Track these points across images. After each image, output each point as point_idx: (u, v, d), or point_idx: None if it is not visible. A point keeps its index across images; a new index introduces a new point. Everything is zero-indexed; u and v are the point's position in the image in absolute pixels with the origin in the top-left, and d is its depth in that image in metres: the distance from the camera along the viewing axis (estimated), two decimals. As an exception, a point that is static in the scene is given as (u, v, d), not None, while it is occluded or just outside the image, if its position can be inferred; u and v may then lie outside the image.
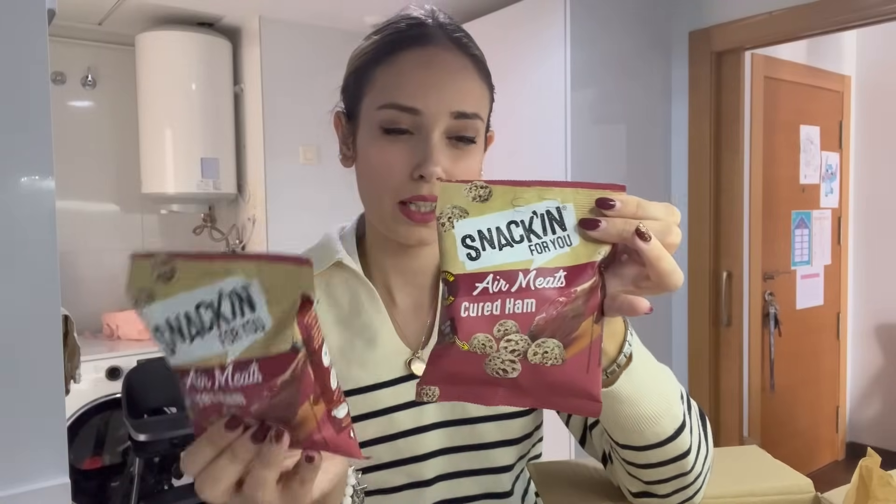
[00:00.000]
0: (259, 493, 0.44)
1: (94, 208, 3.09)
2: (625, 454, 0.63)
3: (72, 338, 1.28)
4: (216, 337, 0.42)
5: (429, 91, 0.69)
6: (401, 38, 0.72)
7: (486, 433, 0.77)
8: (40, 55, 0.79)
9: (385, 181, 0.70)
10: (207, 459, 0.44)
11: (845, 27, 2.34)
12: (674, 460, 0.62)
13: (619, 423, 0.60)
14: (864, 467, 0.64)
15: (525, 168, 2.43)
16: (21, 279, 0.79)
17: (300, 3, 2.78)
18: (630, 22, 2.48)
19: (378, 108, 0.70)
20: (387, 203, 0.71)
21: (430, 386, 0.45)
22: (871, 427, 3.68)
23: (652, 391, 0.59)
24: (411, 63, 0.70)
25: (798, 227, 3.32)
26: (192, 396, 0.43)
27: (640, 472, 0.64)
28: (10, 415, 0.78)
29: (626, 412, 0.58)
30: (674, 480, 0.64)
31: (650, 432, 0.60)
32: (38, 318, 0.81)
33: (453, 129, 0.70)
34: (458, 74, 0.71)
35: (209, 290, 0.41)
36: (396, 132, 0.69)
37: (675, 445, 0.61)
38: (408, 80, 0.69)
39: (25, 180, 0.79)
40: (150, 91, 2.94)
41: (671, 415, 0.61)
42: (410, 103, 0.68)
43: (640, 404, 0.58)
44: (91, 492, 2.74)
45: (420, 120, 0.69)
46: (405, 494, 0.76)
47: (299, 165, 3.03)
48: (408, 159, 0.69)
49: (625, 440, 0.61)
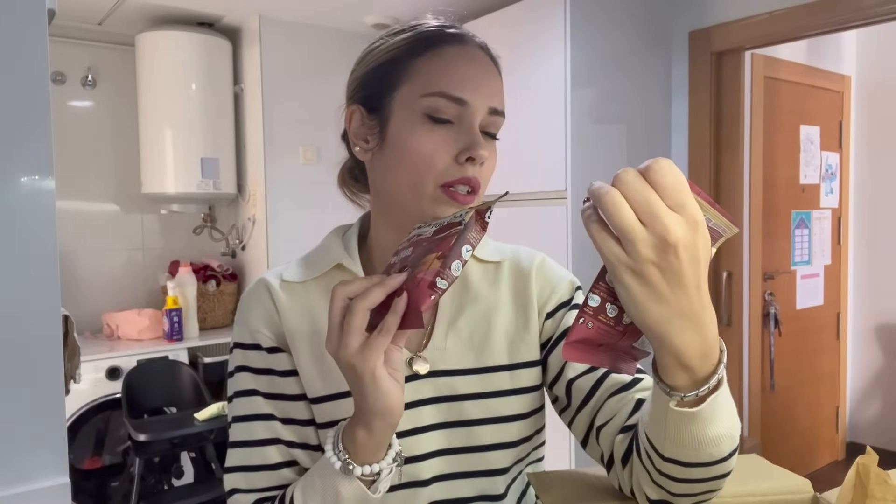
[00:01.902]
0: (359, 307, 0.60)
1: (94, 208, 3.09)
2: (665, 466, 0.60)
3: (72, 338, 1.28)
4: (431, 228, 0.65)
5: (474, 84, 0.73)
6: (443, 34, 0.76)
7: (483, 436, 0.78)
8: (40, 55, 0.79)
9: (429, 165, 0.72)
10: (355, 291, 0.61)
11: (845, 27, 2.34)
12: (713, 479, 0.61)
13: (679, 440, 0.57)
14: (861, 465, 0.64)
15: (525, 168, 2.43)
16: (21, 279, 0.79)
17: (300, 3, 2.78)
18: (630, 22, 2.48)
19: (422, 96, 0.73)
20: (429, 186, 0.72)
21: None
22: (871, 427, 3.68)
23: (724, 414, 0.56)
24: (457, 56, 0.74)
25: (798, 227, 3.32)
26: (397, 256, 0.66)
27: (672, 484, 0.62)
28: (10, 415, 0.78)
29: (694, 432, 0.56)
30: (700, 496, 0.63)
31: (706, 453, 0.57)
32: (38, 318, 0.81)
33: (487, 124, 0.75)
34: (493, 74, 0.76)
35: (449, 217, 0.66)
36: (440, 121, 0.72)
37: (723, 466, 0.60)
38: (456, 70, 0.73)
39: (25, 180, 0.79)
40: (150, 91, 2.94)
41: (732, 438, 0.58)
42: (459, 93, 0.72)
43: (710, 427, 0.56)
44: (91, 492, 2.74)
45: (464, 110, 0.72)
46: (401, 493, 0.76)
47: (299, 165, 3.03)
48: (452, 144, 0.72)
49: (675, 455, 0.58)
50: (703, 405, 0.54)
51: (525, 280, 0.83)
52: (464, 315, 0.81)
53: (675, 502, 0.65)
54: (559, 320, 0.81)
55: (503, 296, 0.82)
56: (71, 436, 2.54)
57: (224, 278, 3.12)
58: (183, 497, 2.51)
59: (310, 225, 2.91)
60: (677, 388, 0.54)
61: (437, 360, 0.78)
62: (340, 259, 0.80)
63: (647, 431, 0.61)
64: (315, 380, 0.77)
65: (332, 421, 0.75)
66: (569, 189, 2.30)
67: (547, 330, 0.82)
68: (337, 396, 0.76)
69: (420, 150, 0.72)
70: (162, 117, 2.92)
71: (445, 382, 0.78)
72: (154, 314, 2.92)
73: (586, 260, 2.32)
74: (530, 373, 0.80)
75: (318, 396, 0.76)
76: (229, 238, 3.30)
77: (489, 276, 0.83)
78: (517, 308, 0.82)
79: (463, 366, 0.79)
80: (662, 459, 0.60)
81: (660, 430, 0.58)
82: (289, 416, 0.77)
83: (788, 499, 0.69)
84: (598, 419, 0.73)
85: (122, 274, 3.15)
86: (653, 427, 0.59)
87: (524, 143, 2.43)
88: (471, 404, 0.78)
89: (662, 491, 0.64)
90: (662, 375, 0.55)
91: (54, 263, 0.81)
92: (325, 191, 2.99)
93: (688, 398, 0.54)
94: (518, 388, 0.79)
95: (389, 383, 0.62)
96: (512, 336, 0.81)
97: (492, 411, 0.78)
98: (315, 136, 3.01)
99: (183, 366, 2.74)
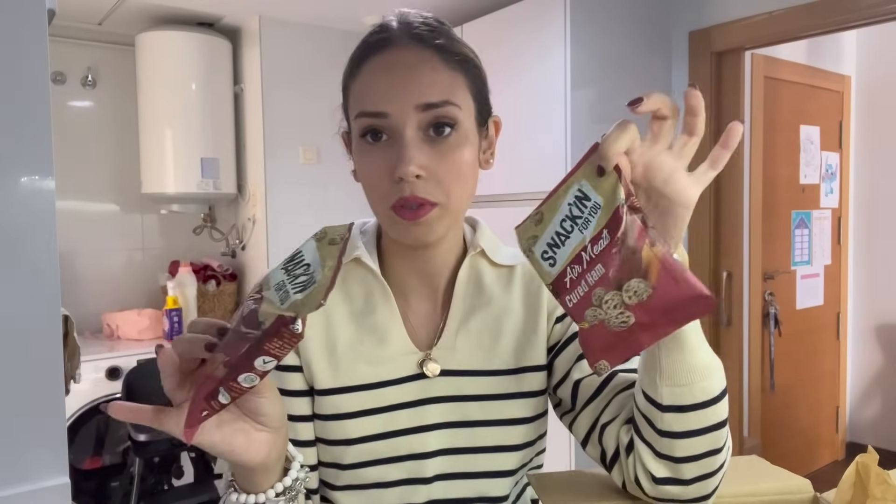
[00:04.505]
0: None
1: (94, 208, 3.09)
2: (665, 421, 0.63)
3: (72, 338, 1.28)
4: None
5: (391, 92, 0.70)
6: (364, 48, 0.75)
7: (486, 438, 0.78)
8: (40, 55, 0.79)
9: (374, 189, 0.72)
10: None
11: (845, 27, 2.34)
12: (711, 429, 0.64)
13: (672, 376, 0.62)
14: (861, 464, 0.64)
15: (525, 168, 2.43)
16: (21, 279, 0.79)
17: (300, 3, 2.78)
18: (630, 22, 2.48)
19: (354, 119, 0.73)
20: (382, 209, 0.72)
21: (598, 363, 0.55)
22: (871, 427, 3.68)
23: (705, 344, 0.63)
24: (373, 70, 0.72)
25: (798, 227, 3.32)
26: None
27: (675, 445, 0.64)
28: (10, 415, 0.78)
29: (685, 360, 0.62)
30: (704, 459, 0.64)
31: (699, 387, 0.62)
32: (38, 318, 0.81)
33: (425, 122, 0.70)
34: (418, 68, 0.71)
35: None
36: (373, 139, 0.71)
37: (717, 410, 0.63)
38: (371, 86, 0.72)
39: (25, 180, 0.79)
40: (150, 91, 2.94)
41: (719, 373, 0.64)
42: (375, 108, 0.70)
43: (698, 353, 0.62)
44: (91, 492, 2.74)
45: (389, 122, 0.70)
46: (402, 489, 0.77)
47: (299, 165, 3.03)
48: (387, 164, 0.70)
49: (671, 399, 0.63)
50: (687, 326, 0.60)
51: (537, 284, 0.83)
52: (475, 316, 0.81)
53: (680, 474, 0.65)
54: (568, 325, 0.81)
55: (515, 300, 0.82)
56: (71, 436, 2.54)
57: (224, 278, 3.12)
58: (183, 497, 2.50)
59: (310, 225, 2.90)
60: None
61: (446, 359, 0.78)
62: (359, 253, 0.79)
63: (644, 386, 0.65)
64: (324, 372, 0.76)
65: (337, 414, 0.76)
66: (569, 189, 2.30)
67: (555, 334, 0.82)
68: (346, 390, 0.76)
69: (365, 174, 0.73)
70: (162, 117, 2.92)
71: (453, 382, 0.78)
72: (154, 314, 2.92)
73: (586, 260, 2.32)
74: (536, 377, 0.81)
75: (326, 388, 0.76)
76: (229, 238, 3.30)
77: (502, 280, 0.83)
78: (527, 312, 0.82)
79: (471, 367, 0.79)
80: (661, 410, 0.63)
81: (654, 369, 0.63)
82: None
83: (788, 499, 0.69)
84: (603, 416, 0.73)
85: (122, 274, 3.15)
86: (648, 375, 0.64)
87: (524, 143, 2.43)
88: (476, 406, 0.78)
89: (667, 461, 0.65)
90: None
91: (54, 263, 0.81)
92: (325, 191, 3.02)
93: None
94: (523, 392, 0.79)
95: (227, 445, 0.58)
96: (520, 340, 0.81)
97: (497, 414, 0.78)
98: (315, 136, 3.01)
99: (183, 366, 2.74)
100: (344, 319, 0.78)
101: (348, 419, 0.76)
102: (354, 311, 0.79)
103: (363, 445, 0.76)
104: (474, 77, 0.76)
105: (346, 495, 0.78)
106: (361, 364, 0.77)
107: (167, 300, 2.84)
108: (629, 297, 0.51)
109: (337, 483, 0.78)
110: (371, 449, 0.76)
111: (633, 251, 0.51)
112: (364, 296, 0.79)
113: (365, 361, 0.77)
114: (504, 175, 2.50)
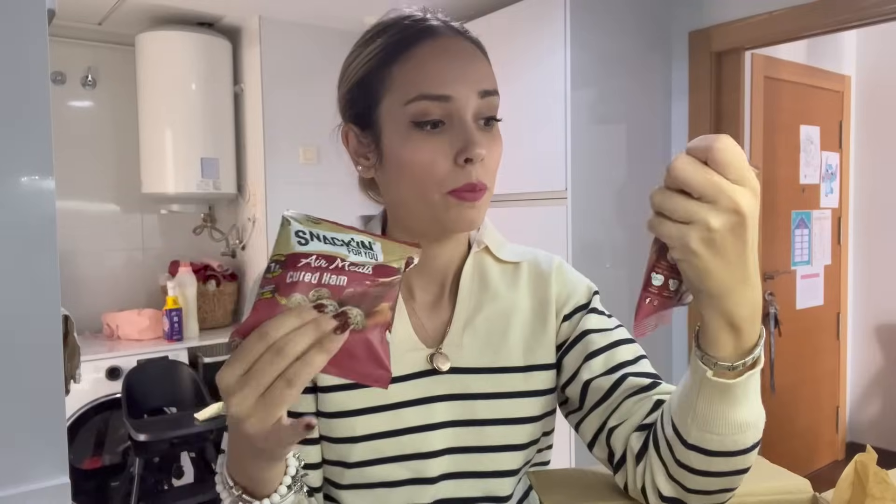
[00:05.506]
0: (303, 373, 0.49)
1: (94, 208, 3.09)
2: (687, 455, 0.61)
3: (72, 338, 1.28)
4: (344, 249, 0.53)
5: (454, 76, 0.70)
6: (411, 33, 0.72)
7: (493, 436, 0.77)
8: (40, 55, 0.79)
9: (430, 174, 0.70)
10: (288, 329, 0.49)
11: (845, 27, 2.34)
12: (732, 474, 0.61)
13: (706, 421, 0.58)
14: (860, 462, 0.64)
15: (525, 168, 2.43)
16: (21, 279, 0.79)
17: (300, 3, 2.78)
18: (630, 22, 2.48)
19: (406, 104, 0.70)
20: (436, 195, 0.70)
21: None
22: (871, 427, 3.68)
23: (753, 401, 0.58)
24: (430, 54, 0.71)
25: (798, 227, 3.32)
26: (292, 273, 0.52)
27: (690, 477, 0.62)
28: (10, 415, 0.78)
29: (723, 412, 0.57)
30: (714, 495, 0.63)
31: (731, 440, 0.58)
32: (38, 318, 0.81)
33: (482, 110, 0.71)
34: (474, 57, 0.73)
35: (346, 236, 0.54)
36: (429, 124, 0.69)
37: (744, 459, 0.60)
38: (431, 69, 0.70)
39: (25, 180, 0.79)
40: (150, 91, 2.94)
41: (757, 428, 0.59)
42: (440, 91, 0.69)
43: (739, 409, 0.57)
44: (91, 492, 2.74)
45: (451, 106, 0.69)
46: (408, 489, 0.76)
47: (299, 165, 3.03)
48: (448, 149, 0.69)
49: (699, 441, 0.59)
50: (738, 379, 0.56)
51: (544, 282, 0.82)
52: (482, 313, 0.80)
53: (687, 499, 0.64)
54: (576, 323, 0.81)
55: (522, 297, 0.82)
56: (71, 436, 2.54)
57: (224, 278, 3.12)
58: (183, 497, 2.51)
59: (310, 225, 2.90)
60: (721, 357, 0.56)
61: (453, 356, 0.78)
62: None
63: (674, 416, 0.61)
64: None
65: (339, 411, 0.75)
66: (569, 189, 2.30)
67: (563, 332, 0.81)
68: (351, 387, 0.75)
69: (417, 161, 0.70)
70: (162, 117, 2.92)
71: (460, 380, 0.78)
72: (154, 314, 2.92)
73: (586, 260, 2.33)
74: (545, 375, 0.80)
75: (329, 385, 0.76)
76: (229, 238, 3.30)
77: (508, 277, 0.83)
78: (535, 310, 0.81)
79: (478, 364, 0.78)
80: (685, 447, 0.60)
81: (689, 409, 0.59)
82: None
83: (788, 499, 0.69)
84: (611, 420, 0.73)
85: (122, 274, 3.15)
86: (681, 409, 0.60)
87: (524, 143, 2.43)
88: (483, 404, 0.77)
89: (677, 486, 0.64)
90: (708, 344, 0.57)
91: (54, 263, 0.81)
92: (326, 191, 3.02)
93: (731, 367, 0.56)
94: (532, 391, 0.79)
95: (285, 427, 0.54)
96: (528, 338, 0.80)
97: (504, 412, 0.77)
98: (315, 136, 3.01)
99: (183, 366, 2.74)
100: None
101: (354, 416, 0.75)
102: None
103: (369, 443, 0.75)
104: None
105: (352, 495, 0.77)
106: None
107: (167, 300, 2.84)
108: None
109: (342, 482, 0.77)
110: (377, 447, 0.75)
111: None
112: None
113: None
114: (504, 175, 2.48)
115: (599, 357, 0.77)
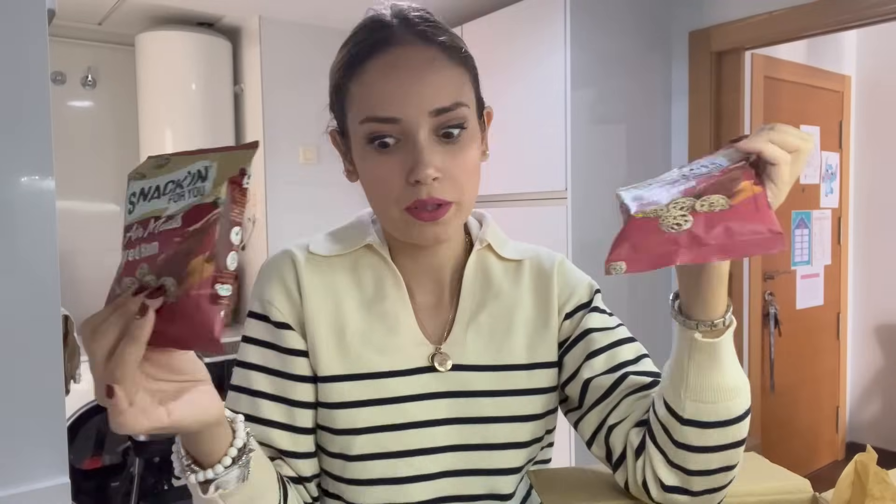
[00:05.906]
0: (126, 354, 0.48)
1: (94, 208, 3.09)
2: (683, 433, 0.63)
3: (72, 338, 1.29)
4: (166, 198, 0.49)
5: (402, 98, 0.68)
6: (364, 47, 0.72)
7: (496, 434, 0.77)
8: (40, 55, 0.79)
9: (386, 193, 0.70)
10: (96, 325, 0.50)
11: (845, 27, 2.34)
12: (729, 447, 0.64)
13: (698, 392, 0.62)
14: (860, 462, 0.64)
15: (525, 168, 2.43)
16: (21, 279, 0.79)
17: (300, 3, 2.78)
18: (630, 22, 2.48)
19: (360, 123, 0.70)
20: (394, 212, 0.71)
21: (615, 263, 0.53)
22: (871, 427, 3.68)
23: (736, 364, 0.64)
24: (379, 72, 0.69)
25: (798, 227, 3.32)
26: (125, 253, 0.51)
27: (689, 458, 0.64)
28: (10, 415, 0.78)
29: (715, 379, 0.62)
30: (716, 475, 0.64)
31: (723, 406, 0.62)
32: (38, 318, 0.81)
33: (438, 126, 0.69)
34: (427, 70, 0.69)
35: (182, 172, 0.50)
36: (383, 144, 0.69)
37: (738, 429, 0.64)
38: (378, 90, 0.69)
39: (25, 180, 0.80)
40: (150, 91, 2.94)
41: (745, 393, 0.64)
42: (387, 114, 0.68)
43: (728, 373, 0.62)
44: (91, 492, 2.74)
45: (401, 126, 0.68)
46: (410, 486, 0.76)
47: (299, 165, 3.03)
48: (400, 167, 0.69)
49: (694, 414, 0.63)
50: (724, 336, 0.62)
51: (546, 279, 0.82)
52: (485, 310, 0.80)
53: (689, 485, 0.65)
54: (578, 322, 0.81)
55: (524, 294, 0.82)
56: (71, 436, 2.54)
57: (224, 278, 3.12)
58: (183, 497, 2.51)
59: (310, 225, 2.90)
60: (714, 316, 0.63)
61: (456, 354, 0.78)
62: (371, 240, 0.79)
63: (667, 396, 0.65)
64: (332, 358, 0.75)
65: (344, 402, 0.75)
66: (569, 189, 2.30)
67: (565, 330, 0.81)
68: (354, 377, 0.75)
69: (374, 179, 0.71)
70: (162, 117, 2.92)
71: (463, 378, 0.77)
72: (154, 314, 2.92)
73: (586, 260, 2.32)
74: (548, 373, 0.80)
75: (331, 375, 0.75)
76: (229, 238, 3.30)
77: (510, 274, 0.83)
78: (538, 307, 0.81)
79: (481, 362, 0.78)
80: (681, 423, 0.63)
81: (681, 382, 0.63)
82: (281, 395, 0.75)
83: (788, 498, 0.69)
84: (611, 418, 0.73)
85: (122, 274, 3.15)
86: (673, 385, 0.64)
87: (524, 143, 2.43)
88: (487, 402, 0.77)
89: (678, 471, 0.65)
90: (700, 309, 0.63)
91: (54, 263, 0.81)
92: (325, 191, 3.02)
93: (713, 324, 0.62)
94: (535, 388, 0.79)
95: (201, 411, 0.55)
96: (531, 335, 0.80)
97: (507, 410, 0.77)
98: (315, 136, 2.98)
99: (183, 366, 2.74)
100: (354, 305, 0.78)
101: (355, 408, 0.75)
102: (365, 298, 0.78)
103: (371, 436, 0.75)
104: (473, 70, 0.75)
105: (355, 490, 0.77)
106: (371, 352, 0.76)
107: (167, 300, 2.84)
108: (701, 205, 0.52)
109: (344, 475, 0.77)
110: (378, 440, 0.75)
111: (734, 179, 0.53)
112: (374, 283, 0.79)
113: (375, 349, 0.76)
114: (504, 175, 2.50)
115: (601, 356, 0.77)
